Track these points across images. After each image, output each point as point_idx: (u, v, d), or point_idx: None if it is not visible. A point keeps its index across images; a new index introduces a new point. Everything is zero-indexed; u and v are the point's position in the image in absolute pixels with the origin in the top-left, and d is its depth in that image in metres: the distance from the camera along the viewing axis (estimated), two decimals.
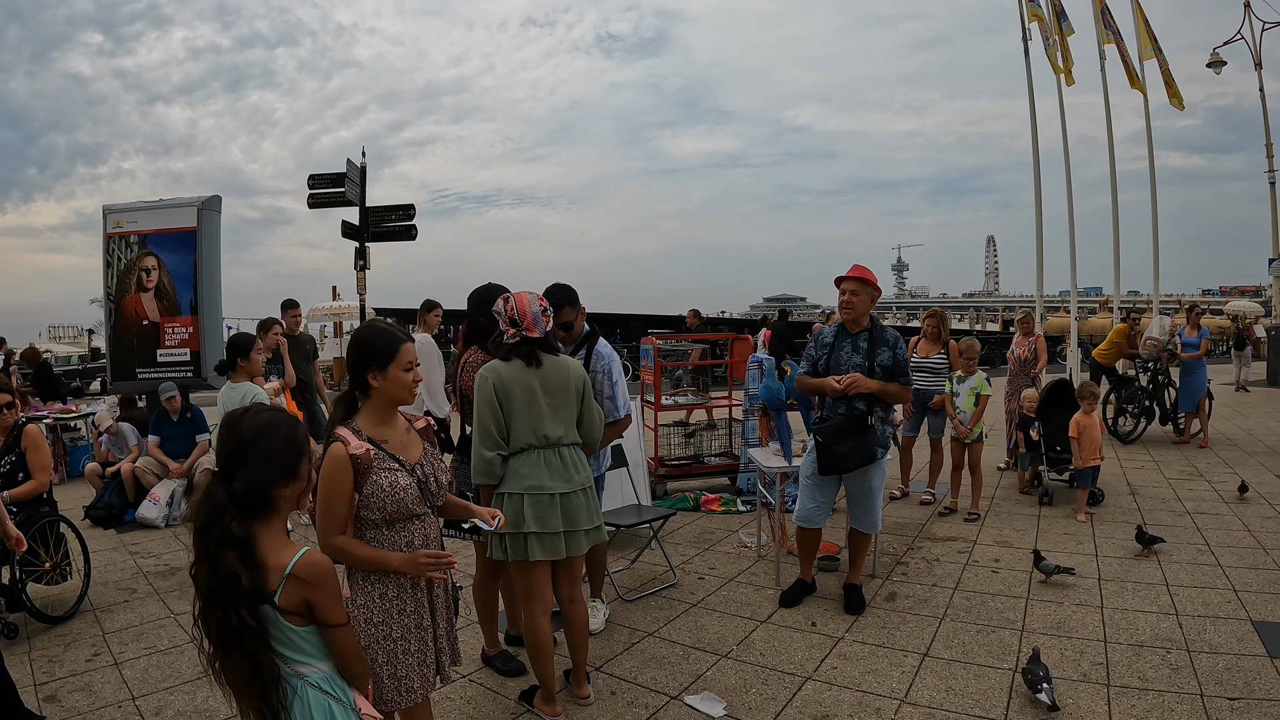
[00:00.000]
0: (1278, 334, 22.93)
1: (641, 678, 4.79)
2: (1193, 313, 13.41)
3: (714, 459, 9.69)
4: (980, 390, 8.08)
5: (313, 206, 14.57)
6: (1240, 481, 8.07)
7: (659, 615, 5.75)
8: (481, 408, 4.18)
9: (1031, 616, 5.66)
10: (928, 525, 8.03)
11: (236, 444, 2.49)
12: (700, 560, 6.94)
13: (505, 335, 4.27)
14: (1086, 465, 8.30)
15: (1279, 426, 14.40)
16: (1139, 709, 4.33)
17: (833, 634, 5.42)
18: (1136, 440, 12.70)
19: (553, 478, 4.22)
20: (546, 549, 4.19)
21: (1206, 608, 5.74)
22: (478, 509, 3.65)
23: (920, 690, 4.60)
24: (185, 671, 4.92)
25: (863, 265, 5.87)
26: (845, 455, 5.62)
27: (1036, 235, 17.16)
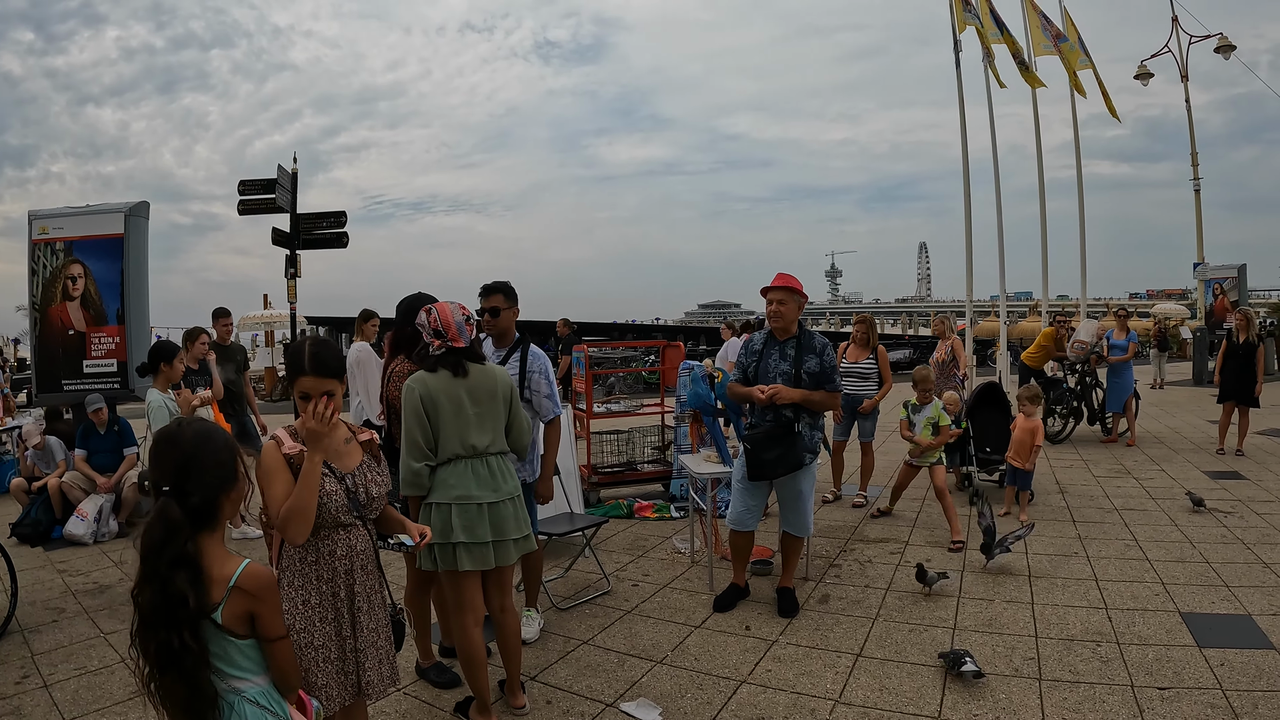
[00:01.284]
0: (1203, 335, 23.48)
1: (577, 686, 4.75)
2: (1120, 316, 13.66)
3: (646, 466, 9.67)
4: (939, 420, 8.02)
5: (243, 213, 14.30)
6: (1196, 497, 8.16)
7: (593, 623, 5.72)
8: (408, 418, 4.14)
9: (963, 614, 5.71)
10: (860, 528, 8.07)
11: (182, 456, 2.43)
12: (634, 567, 6.92)
13: (430, 346, 4.25)
14: (1020, 466, 8.42)
15: (1204, 424, 14.75)
16: (1071, 701, 4.40)
17: (767, 637, 5.42)
18: (1065, 440, 12.92)
19: (480, 487, 4.19)
20: (475, 559, 4.16)
21: (1135, 601, 5.85)
22: (409, 524, 3.61)
23: (854, 690, 4.62)
24: (117, 692, 4.79)
25: (788, 274, 5.95)
26: (773, 461, 5.68)
27: (966, 242, 17.45)
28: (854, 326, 9.50)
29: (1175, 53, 25.90)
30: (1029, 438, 8.42)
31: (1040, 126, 19.20)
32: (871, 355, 9.04)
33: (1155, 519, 8.08)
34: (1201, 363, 22.80)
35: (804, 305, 6.02)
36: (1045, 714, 4.28)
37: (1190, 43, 25.67)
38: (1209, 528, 7.67)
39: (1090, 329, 13.30)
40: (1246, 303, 24.00)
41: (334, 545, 3.19)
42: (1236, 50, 25.27)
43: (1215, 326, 23.52)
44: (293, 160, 14.97)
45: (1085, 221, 20.32)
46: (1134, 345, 13.08)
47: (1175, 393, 20.51)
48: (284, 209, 14.52)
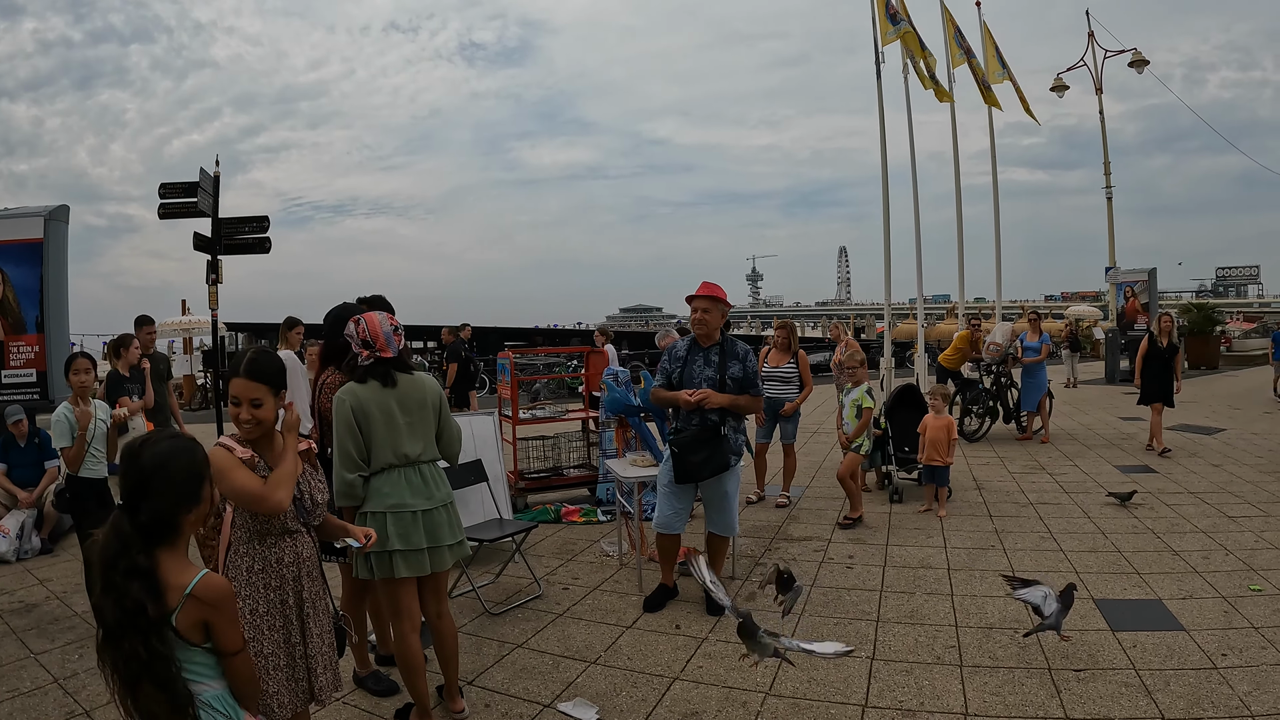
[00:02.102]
0: (1114, 336, 24.17)
1: (514, 689, 4.81)
2: (1033, 319, 14.01)
3: (573, 470, 9.73)
4: (861, 402, 8.30)
5: (163, 217, 13.91)
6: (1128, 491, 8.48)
7: (526, 627, 5.77)
8: (340, 430, 4.18)
9: (886, 607, 5.87)
10: (784, 527, 8.21)
11: (137, 477, 2.46)
12: (564, 571, 6.98)
13: (359, 357, 4.29)
14: (941, 463, 8.65)
15: (1115, 421, 15.20)
16: (991, 685, 4.58)
17: (696, 635, 5.52)
18: (982, 438, 13.21)
19: (414, 495, 4.24)
20: (411, 565, 4.20)
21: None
22: (353, 528, 3.67)
23: (784, 682, 4.73)
24: (52, 712, 4.71)
25: (713, 283, 6.11)
26: (700, 464, 5.80)
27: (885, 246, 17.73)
28: (775, 331, 9.67)
29: (1091, 66, 26.63)
30: (944, 434, 8.65)
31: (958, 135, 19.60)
32: (792, 359, 9.20)
33: (1069, 512, 8.36)
34: (1113, 362, 23.50)
35: (727, 313, 6.15)
36: (967, 698, 4.45)
37: (1105, 57, 26.42)
38: (1120, 519, 7.96)
39: (1004, 331, 13.63)
40: (1156, 305, 24.67)
41: (281, 553, 3.22)
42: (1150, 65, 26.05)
43: (1126, 328, 24.27)
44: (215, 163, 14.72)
45: (1001, 226, 20.87)
46: (1047, 347, 13.41)
47: (1088, 391, 21.07)
48: (206, 213, 14.23)
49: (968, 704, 4.40)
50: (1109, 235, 26.50)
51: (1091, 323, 43.64)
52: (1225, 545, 7.02)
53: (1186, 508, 8.37)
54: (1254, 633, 5.19)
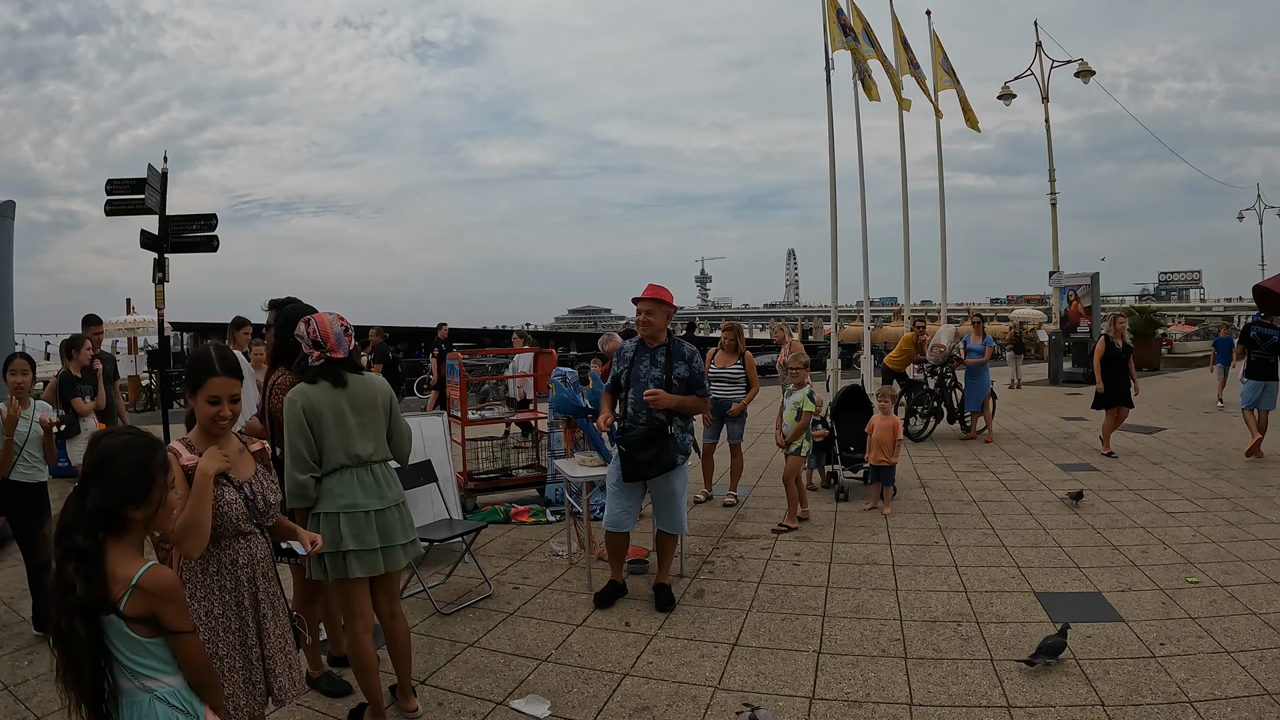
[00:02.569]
0: (1058, 339, 24.57)
1: (466, 687, 4.83)
2: (976, 322, 14.23)
3: (521, 471, 9.74)
4: (802, 406, 8.37)
5: (110, 214, 13.66)
6: (1078, 490, 8.66)
7: (478, 626, 5.79)
8: (292, 431, 4.17)
9: (832, 603, 5.96)
10: (731, 526, 8.29)
11: (90, 463, 2.52)
12: (514, 570, 7.01)
13: (310, 358, 4.29)
14: (887, 462, 8.77)
15: (1057, 420, 15.49)
16: (935, 676, 4.69)
17: (646, 632, 5.58)
18: (926, 438, 13.39)
19: (366, 495, 4.24)
20: (365, 565, 4.20)
21: (993, 584, 6.20)
22: (301, 531, 3.67)
23: (732, 676, 4.81)
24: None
25: (659, 285, 6.17)
26: (647, 463, 5.87)
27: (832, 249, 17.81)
28: (722, 333, 9.74)
29: (1037, 76, 27.01)
30: (889, 435, 8.77)
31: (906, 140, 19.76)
32: (739, 360, 9.28)
33: (1011, 509, 8.53)
34: (1057, 364, 23.92)
35: (673, 315, 6.22)
36: (912, 689, 4.55)
37: (1052, 67, 26.83)
38: (1061, 515, 8.14)
39: (948, 333, 13.83)
40: (1100, 308, 25.08)
41: (235, 554, 3.22)
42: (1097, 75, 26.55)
43: (1070, 331, 24.67)
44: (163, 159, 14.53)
45: (947, 230, 21.06)
46: (990, 349, 13.64)
47: (1032, 392, 21.37)
48: (153, 210, 14.04)
49: (912, 694, 4.49)
50: (1053, 240, 26.89)
51: (1036, 325, 44.20)
52: (1164, 540, 7.20)
53: (1126, 504, 8.56)
54: (1191, 623, 5.34)
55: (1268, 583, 6.08)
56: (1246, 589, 5.95)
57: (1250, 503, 8.51)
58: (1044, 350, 30.26)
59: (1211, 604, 5.68)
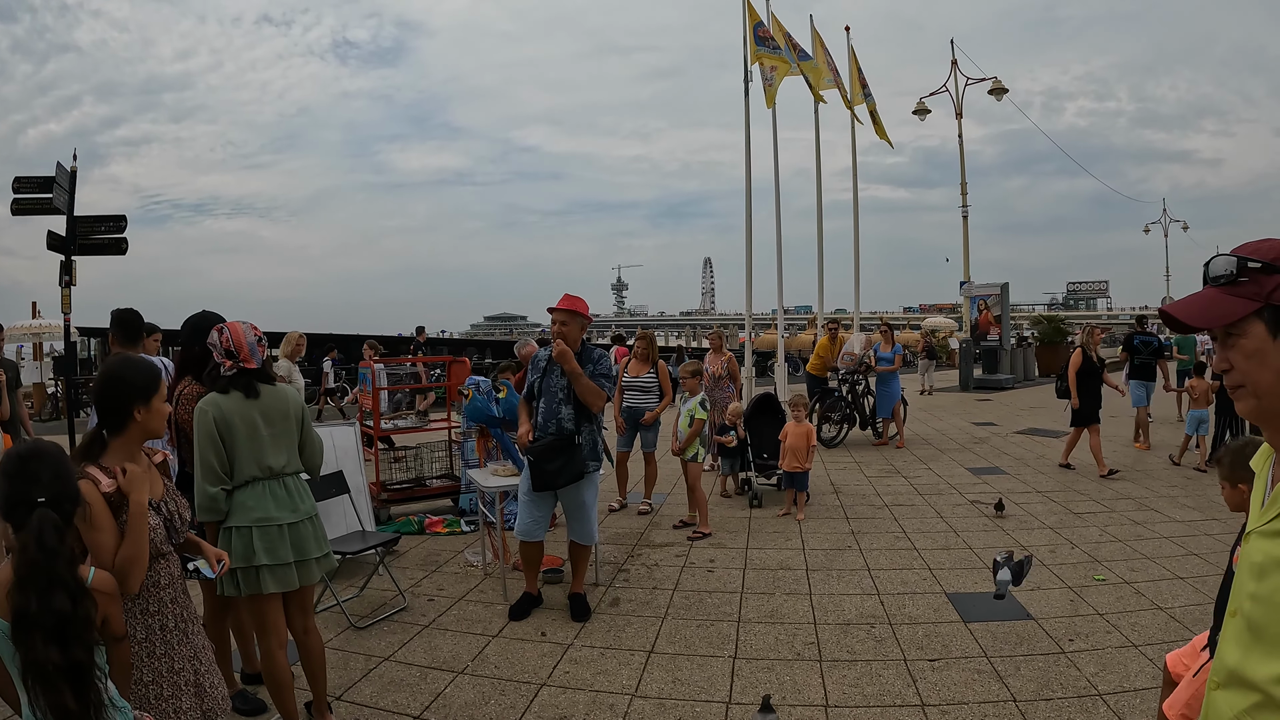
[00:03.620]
0: (968, 346, 25.09)
1: (383, 702, 4.77)
2: (884, 331, 14.45)
3: (435, 481, 9.66)
4: (694, 413, 8.44)
5: (16, 213, 13.27)
6: (998, 500, 8.71)
7: (393, 639, 5.73)
8: (202, 442, 4.08)
9: (747, 608, 6.01)
10: (646, 534, 8.31)
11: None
12: (429, 582, 6.95)
13: (222, 367, 4.21)
14: (800, 469, 8.86)
15: (968, 426, 15.79)
16: (850, 678, 4.76)
17: (562, 641, 5.56)
18: (839, 445, 13.54)
19: (279, 508, 4.19)
20: (279, 580, 4.14)
21: (905, 586, 6.31)
22: (207, 549, 3.57)
23: (649, 684, 4.83)
24: None
25: (575, 295, 6.21)
26: (555, 472, 5.89)
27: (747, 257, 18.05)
28: (635, 342, 9.77)
29: (952, 92, 27.59)
30: (804, 441, 8.85)
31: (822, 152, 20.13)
32: (652, 369, 9.31)
33: (922, 512, 8.68)
34: (968, 371, 24.45)
35: (587, 326, 6.24)
36: (827, 691, 4.61)
37: (966, 84, 27.45)
38: (971, 518, 8.30)
39: (860, 341, 14.11)
40: (1009, 317, 25.61)
41: (158, 575, 3.11)
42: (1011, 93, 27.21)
43: (980, 339, 25.22)
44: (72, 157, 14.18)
45: (861, 240, 21.44)
46: (900, 357, 13.91)
47: (943, 398, 21.70)
48: (61, 210, 13.68)
49: (828, 696, 4.55)
50: (964, 251, 27.46)
51: (947, 333, 45.06)
52: (1071, 540, 7.38)
53: (1035, 505, 8.77)
54: (1099, 619, 5.48)
55: (1172, 578, 6.28)
56: (1152, 585, 6.15)
57: (1155, 502, 8.76)
58: (955, 358, 30.79)
59: (1118, 600, 5.85)
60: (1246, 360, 1.56)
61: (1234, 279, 1.57)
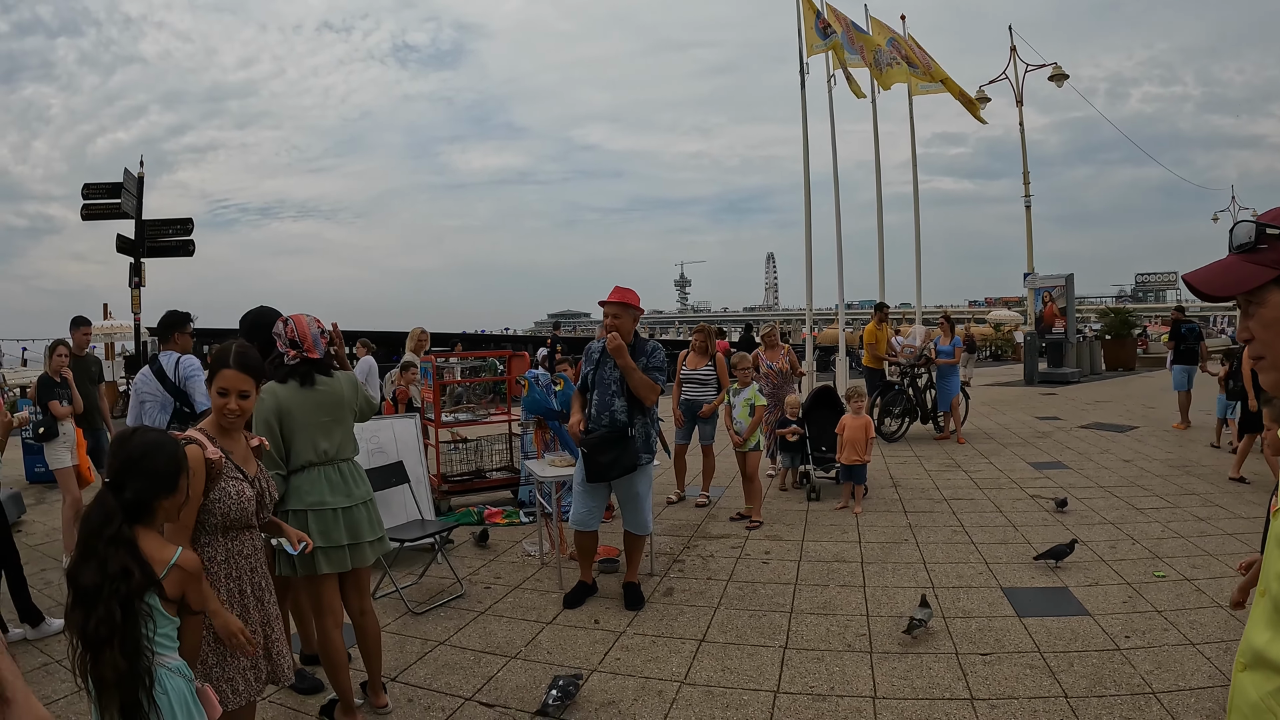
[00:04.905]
0: (1033, 340, 24.73)
1: (436, 684, 4.87)
2: (943, 323, 14.31)
3: (494, 473, 9.76)
4: (755, 401, 8.49)
5: (86, 218, 13.75)
6: (1062, 497, 8.57)
7: (449, 625, 5.83)
8: (260, 429, 4.21)
9: (800, 600, 6.02)
10: (702, 526, 8.34)
11: (126, 459, 2.69)
12: (485, 571, 7.04)
13: (285, 356, 4.36)
14: (858, 461, 8.85)
15: (1031, 420, 15.55)
16: (899, 670, 4.75)
17: (615, 629, 5.63)
18: (900, 439, 13.44)
19: (334, 493, 4.34)
20: (333, 562, 4.27)
21: (960, 580, 6.26)
22: (288, 529, 3.75)
23: (699, 671, 4.86)
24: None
25: (625, 287, 6.19)
26: (609, 465, 5.96)
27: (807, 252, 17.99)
28: (693, 335, 9.79)
29: (1012, 80, 27.16)
30: (862, 434, 8.83)
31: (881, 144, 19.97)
32: (710, 362, 9.32)
33: (981, 506, 8.60)
34: (1032, 365, 24.03)
35: (639, 318, 6.29)
36: (876, 682, 4.60)
37: (1026, 71, 26.97)
38: (1031, 513, 8.20)
39: (919, 334, 13.95)
40: (1074, 309, 25.21)
41: (242, 545, 3.34)
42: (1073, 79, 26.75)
43: (1045, 332, 24.84)
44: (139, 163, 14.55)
45: (925, 233, 21.27)
46: (959, 350, 13.73)
47: (1006, 393, 21.40)
48: (129, 214, 14.03)
49: (876, 688, 4.54)
50: (1028, 242, 27.08)
51: (1012, 327, 44.50)
52: (1132, 535, 7.27)
53: (1096, 501, 8.64)
54: (1157, 616, 5.41)
55: (1234, 576, 6.10)
56: (1213, 582, 6.02)
57: (1220, 498, 8.60)
58: (1020, 352, 30.42)
59: (1177, 597, 5.75)
60: (1265, 330, 1.53)
61: (1254, 246, 1.55)
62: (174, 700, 2.63)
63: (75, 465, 7.88)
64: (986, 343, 44.79)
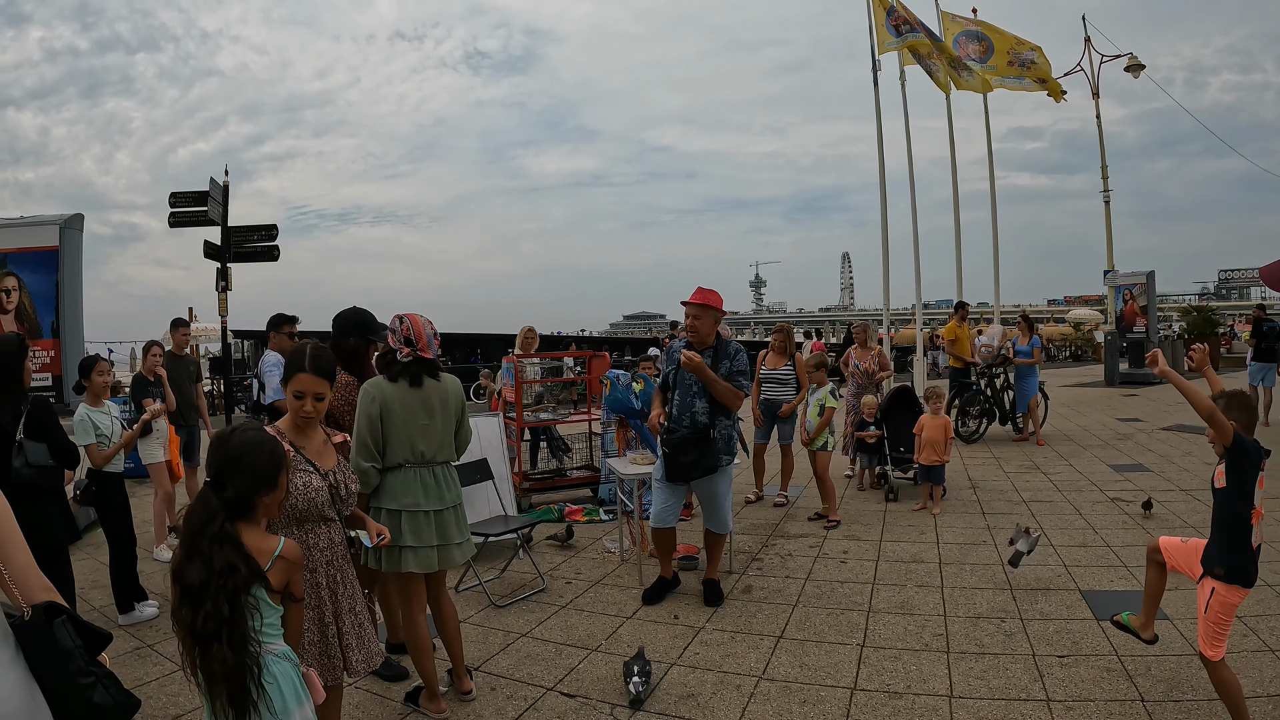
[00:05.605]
0: (1114, 339, 24.28)
1: (518, 674, 5.01)
2: (1021, 323, 14.15)
3: (576, 471, 9.89)
4: (825, 402, 8.53)
5: (174, 225, 14.17)
6: (1146, 499, 8.41)
7: (530, 617, 5.96)
8: (361, 421, 4.39)
9: (877, 599, 6.07)
10: (781, 525, 8.40)
11: (227, 458, 2.80)
12: (567, 566, 7.17)
13: (398, 353, 4.49)
14: (937, 461, 8.86)
15: (1112, 422, 15.35)
16: (976, 670, 4.78)
17: (694, 624, 5.72)
18: (979, 440, 13.37)
19: (427, 496, 4.48)
20: (421, 562, 4.43)
21: (1039, 582, 6.25)
22: (370, 523, 3.90)
23: (776, 667, 4.94)
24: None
25: (707, 288, 6.19)
26: (689, 465, 6.00)
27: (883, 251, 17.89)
28: (772, 335, 9.86)
29: (1087, 71, 26.64)
30: (940, 434, 8.84)
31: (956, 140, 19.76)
32: (789, 362, 9.39)
33: (1061, 509, 8.54)
34: (1113, 365, 23.63)
35: (720, 319, 6.30)
36: (953, 682, 4.64)
37: (1102, 62, 26.42)
38: (1111, 515, 8.14)
39: (997, 333, 13.81)
40: (1155, 308, 24.71)
41: (318, 538, 3.47)
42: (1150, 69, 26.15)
43: (1125, 331, 24.29)
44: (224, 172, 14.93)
45: (1002, 231, 20.97)
46: (1038, 350, 13.57)
47: (1087, 394, 21.14)
48: (216, 222, 14.40)
49: (953, 687, 4.58)
50: (1107, 239, 26.61)
51: (1093, 326, 43.78)
52: None
53: (1178, 504, 8.53)
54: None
55: None
56: None
57: None
58: (1100, 352, 29.91)
59: (1259, 603, 5.65)
60: None
61: None
62: (283, 686, 2.74)
63: (167, 460, 8.16)
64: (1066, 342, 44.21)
